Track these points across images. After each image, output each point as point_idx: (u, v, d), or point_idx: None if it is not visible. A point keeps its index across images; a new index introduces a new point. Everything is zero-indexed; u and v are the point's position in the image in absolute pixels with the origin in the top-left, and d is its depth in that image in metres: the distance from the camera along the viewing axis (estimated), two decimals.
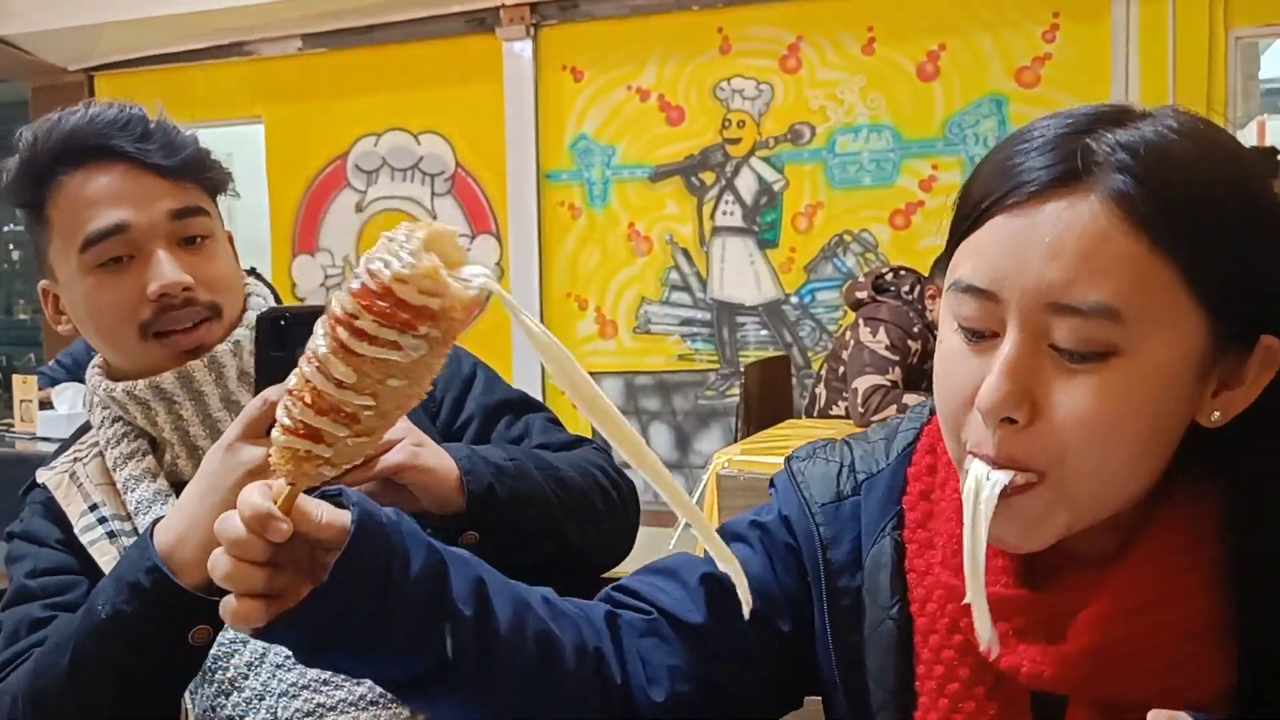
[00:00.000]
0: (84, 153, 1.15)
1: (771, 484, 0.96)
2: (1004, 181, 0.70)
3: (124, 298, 1.15)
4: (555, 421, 1.32)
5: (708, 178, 4.84)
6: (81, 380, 3.77)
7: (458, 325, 0.61)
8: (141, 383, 1.16)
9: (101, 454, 1.21)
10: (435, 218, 5.32)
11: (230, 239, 1.26)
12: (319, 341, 0.62)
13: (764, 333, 4.80)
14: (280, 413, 0.65)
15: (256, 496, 0.68)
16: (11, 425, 3.58)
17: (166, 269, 1.14)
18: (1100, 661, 0.71)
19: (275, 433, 0.65)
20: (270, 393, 0.98)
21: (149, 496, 1.16)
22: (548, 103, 5.04)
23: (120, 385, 1.17)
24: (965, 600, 0.70)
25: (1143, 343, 0.66)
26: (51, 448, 3.41)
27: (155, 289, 1.14)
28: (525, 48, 4.99)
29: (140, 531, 1.13)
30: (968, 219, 0.72)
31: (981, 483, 0.69)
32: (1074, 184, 0.67)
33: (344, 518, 0.71)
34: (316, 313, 0.97)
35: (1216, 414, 0.70)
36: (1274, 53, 5.44)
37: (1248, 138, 5.10)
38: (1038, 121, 0.73)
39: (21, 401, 3.52)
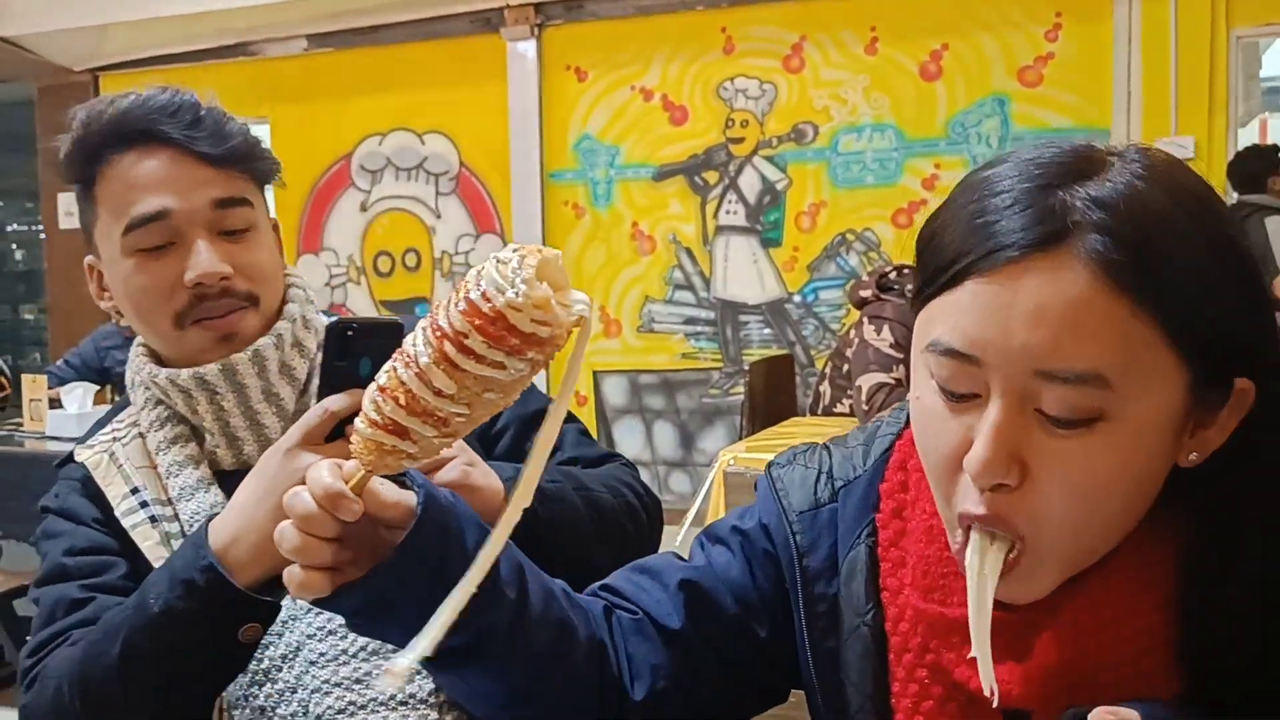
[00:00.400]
0: (133, 135, 1.16)
1: (756, 486, 0.97)
2: (979, 243, 0.68)
3: (161, 283, 1.15)
4: (586, 434, 1.33)
5: (711, 177, 4.86)
6: (90, 380, 3.80)
7: (559, 349, 0.64)
8: (185, 372, 1.16)
9: (142, 435, 1.21)
10: (440, 217, 5.35)
11: (275, 227, 1.26)
12: (420, 350, 0.63)
13: (767, 331, 4.82)
14: (368, 406, 0.67)
15: (328, 476, 0.70)
16: (21, 424, 3.60)
17: (204, 258, 1.14)
18: (1062, 678, 0.72)
19: (360, 423, 0.67)
20: (330, 402, 0.98)
21: (191, 484, 1.17)
22: (552, 102, 5.06)
23: (164, 372, 1.18)
24: (971, 655, 0.71)
25: (1129, 404, 0.66)
26: (62, 447, 3.45)
27: (191, 278, 1.14)
28: (529, 48, 5.01)
29: (181, 517, 1.15)
30: (941, 275, 0.70)
31: (984, 555, 0.70)
32: (1053, 247, 0.66)
33: (409, 498, 0.74)
34: (383, 324, 0.97)
35: (1194, 455, 0.71)
36: (1275, 51, 5.46)
37: (1249, 135, 5.11)
38: (1001, 167, 0.71)
39: (31, 401, 3.54)
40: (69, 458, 1.24)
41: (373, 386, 0.66)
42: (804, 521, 0.89)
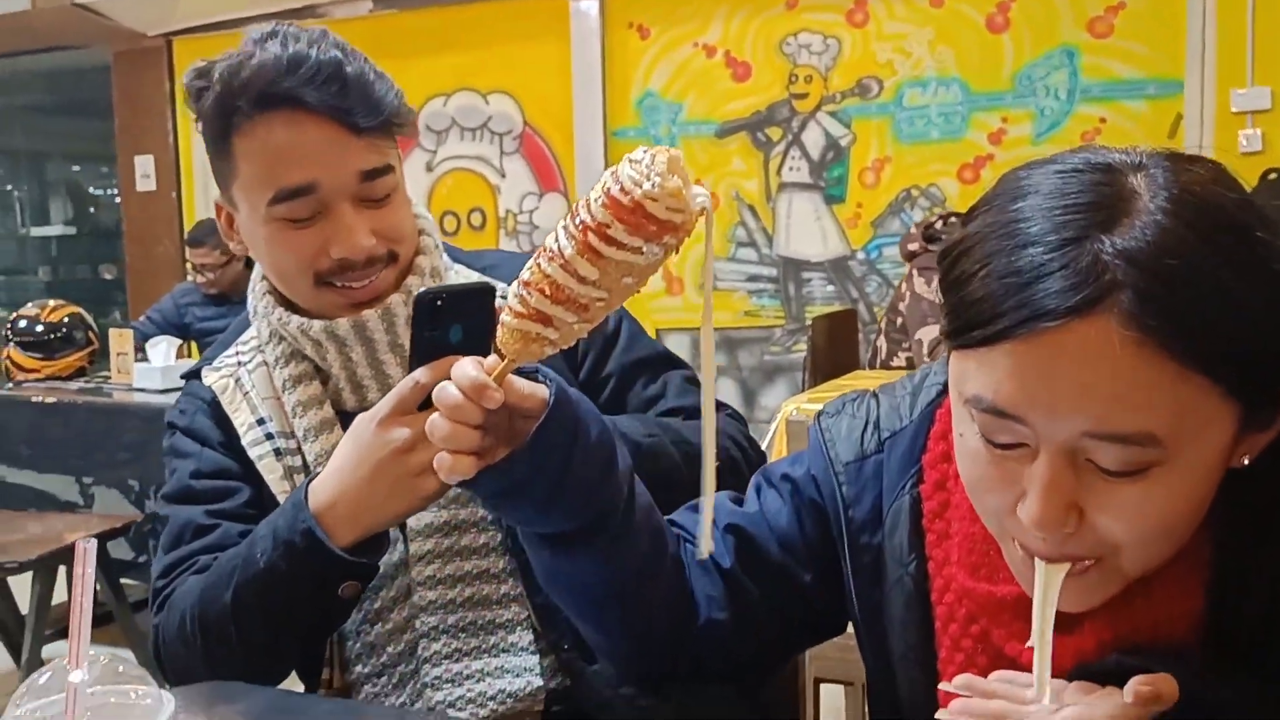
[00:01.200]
0: (276, 99, 1.11)
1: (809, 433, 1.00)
2: (1014, 307, 0.66)
3: (304, 250, 1.15)
4: (691, 380, 1.32)
5: (774, 133, 4.84)
6: (171, 334, 3.93)
7: (689, 234, 0.72)
8: (317, 325, 1.18)
9: (266, 364, 1.24)
10: (504, 176, 5.40)
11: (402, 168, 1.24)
12: (563, 244, 0.71)
13: (830, 288, 4.81)
14: (514, 301, 0.74)
15: (472, 370, 0.77)
16: (109, 377, 3.73)
17: (350, 234, 1.14)
18: (1111, 650, 0.75)
19: (506, 316, 0.75)
20: (420, 375, 0.99)
21: (315, 425, 1.20)
22: (614, 60, 5.06)
23: (294, 320, 1.19)
24: (1028, 644, 0.73)
25: (1183, 449, 0.66)
26: (148, 399, 3.55)
27: (339, 253, 1.15)
28: (592, 6, 5.01)
29: (307, 458, 1.20)
30: (974, 329, 0.69)
31: (1049, 576, 0.72)
32: (1090, 311, 0.64)
33: (542, 391, 0.81)
34: (473, 290, 1.00)
35: (1245, 459, 0.72)
36: None
37: None
38: (1025, 203, 0.69)
39: (118, 354, 3.67)
40: (195, 373, 1.28)
41: (516, 283, 0.74)
42: (850, 473, 0.92)
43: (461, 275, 1.29)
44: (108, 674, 0.75)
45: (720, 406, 1.30)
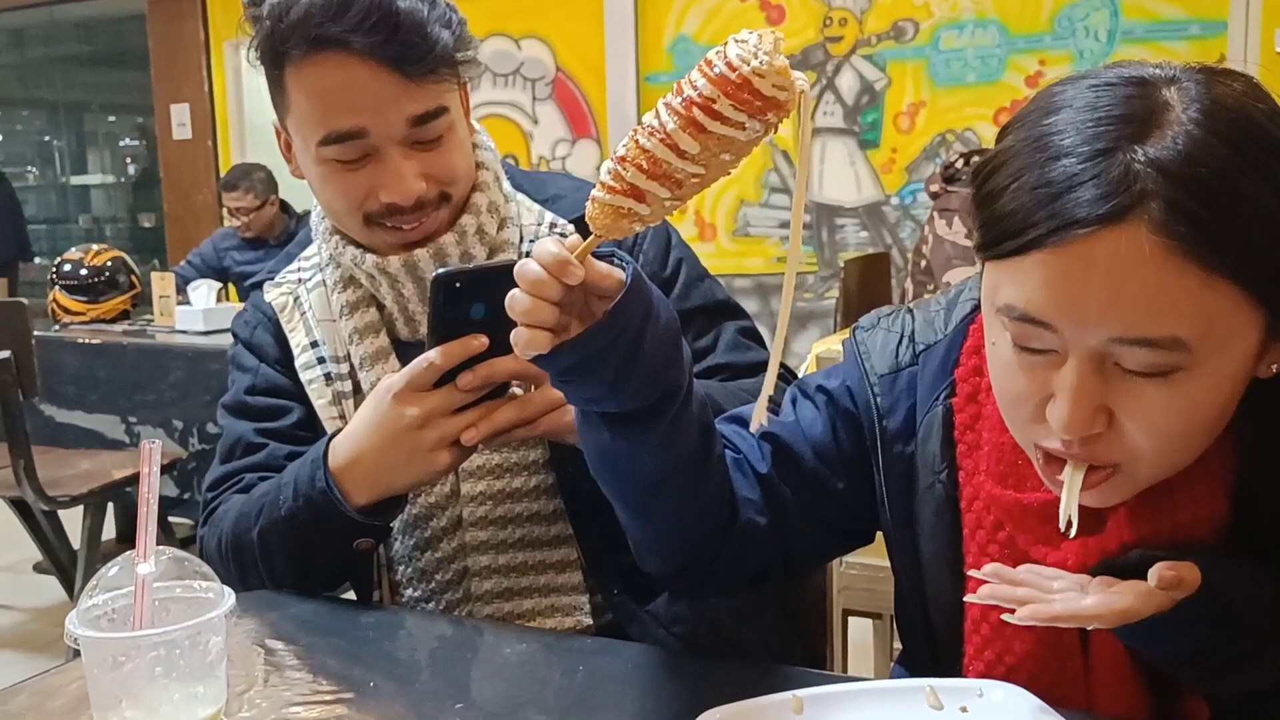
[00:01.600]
0: (324, 41, 1.09)
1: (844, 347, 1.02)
2: (1046, 217, 0.68)
3: (354, 191, 1.14)
4: (749, 334, 1.29)
5: (808, 77, 4.79)
6: (211, 277, 3.99)
7: (788, 114, 0.73)
8: (370, 259, 1.18)
9: (324, 284, 1.25)
10: (537, 123, 5.40)
11: (465, 100, 1.22)
12: (665, 119, 0.73)
13: (864, 234, 4.80)
14: (606, 177, 0.76)
15: (554, 247, 0.79)
16: (151, 320, 3.81)
17: (398, 180, 1.13)
18: (1132, 549, 0.77)
19: (597, 192, 0.76)
20: (434, 355, 1.00)
21: (372, 353, 1.22)
22: (647, 4, 5.02)
23: (349, 252, 1.19)
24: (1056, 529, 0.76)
25: (1209, 355, 0.68)
26: (190, 340, 3.61)
27: (386, 197, 1.13)
28: None
29: (362, 388, 1.22)
30: (1006, 241, 0.71)
31: (1072, 476, 0.75)
32: (1120, 219, 0.66)
33: (619, 272, 0.82)
34: (494, 270, 0.99)
35: (1275, 366, 0.73)
36: None
37: None
38: (1058, 117, 0.70)
39: (160, 298, 3.73)
40: (259, 286, 1.30)
41: (608, 160, 0.75)
42: (885, 384, 0.94)
43: (522, 207, 1.28)
44: (172, 568, 0.79)
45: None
